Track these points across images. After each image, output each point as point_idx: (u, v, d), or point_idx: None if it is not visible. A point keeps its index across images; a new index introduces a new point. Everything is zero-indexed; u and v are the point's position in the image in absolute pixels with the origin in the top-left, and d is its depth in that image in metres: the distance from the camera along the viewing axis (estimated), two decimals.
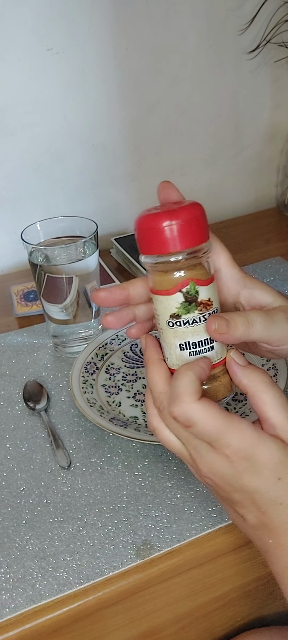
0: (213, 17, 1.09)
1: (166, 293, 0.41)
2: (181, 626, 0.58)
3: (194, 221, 0.40)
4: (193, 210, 0.40)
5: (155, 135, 1.13)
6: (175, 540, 0.53)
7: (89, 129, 1.07)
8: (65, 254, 0.75)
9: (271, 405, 0.41)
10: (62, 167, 1.08)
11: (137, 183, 1.15)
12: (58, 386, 0.74)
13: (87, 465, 0.62)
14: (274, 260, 1.02)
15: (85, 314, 0.78)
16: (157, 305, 0.42)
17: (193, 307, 0.41)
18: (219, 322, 0.41)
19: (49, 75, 1.01)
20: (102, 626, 0.52)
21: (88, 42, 1.01)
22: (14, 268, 1.09)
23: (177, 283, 0.40)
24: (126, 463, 0.62)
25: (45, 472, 0.61)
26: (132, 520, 0.55)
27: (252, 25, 1.10)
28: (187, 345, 0.42)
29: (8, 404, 0.72)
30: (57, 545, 0.53)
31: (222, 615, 0.60)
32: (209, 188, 1.24)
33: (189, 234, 0.40)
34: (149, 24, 1.04)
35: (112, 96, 1.07)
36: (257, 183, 1.29)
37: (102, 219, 1.10)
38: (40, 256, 0.75)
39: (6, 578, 0.51)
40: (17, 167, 1.04)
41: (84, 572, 0.51)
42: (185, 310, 0.41)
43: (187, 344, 0.42)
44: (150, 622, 0.55)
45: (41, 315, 0.86)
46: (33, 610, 0.48)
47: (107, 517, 0.55)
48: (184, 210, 0.40)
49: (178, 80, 1.11)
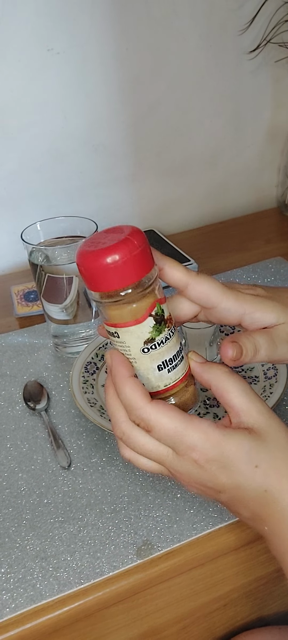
0: (213, 17, 1.09)
1: (136, 322, 0.40)
2: (182, 626, 0.58)
3: (147, 247, 0.40)
4: (143, 237, 0.40)
5: (155, 135, 1.13)
6: (176, 540, 0.53)
7: (90, 130, 1.07)
8: (66, 254, 0.75)
9: (234, 393, 0.42)
10: (62, 168, 1.08)
11: (137, 183, 1.15)
12: (58, 386, 0.74)
13: (88, 466, 0.62)
14: (275, 261, 1.02)
15: (85, 314, 0.78)
16: (125, 338, 0.41)
17: (163, 326, 0.42)
18: (237, 350, 0.43)
19: (50, 75, 1.01)
20: (102, 626, 0.52)
21: (89, 43, 1.01)
22: (14, 268, 1.09)
23: (146, 308, 0.40)
24: (127, 463, 0.61)
25: (45, 472, 0.61)
26: (132, 520, 0.55)
27: (252, 25, 1.10)
28: (165, 363, 0.42)
29: (9, 404, 0.72)
30: (57, 545, 0.53)
31: (222, 615, 0.60)
32: (210, 188, 1.24)
33: (149, 258, 0.41)
34: (149, 25, 1.04)
35: (113, 96, 1.07)
36: (257, 183, 1.29)
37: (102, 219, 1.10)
38: (40, 256, 0.75)
39: (7, 578, 0.51)
40: (17, 168, 1.04)
41: (84, 572, 0.51)
42: (157, 332, 0.41)
43: (165, 362, 0.42)
44: (151, 622, 0.55)
45: (41, 315, 0.86)
46: (33, 610, 0.48)
47: (107, 517, 0.55)
48: (140, 236, 0.40)
49: (178, 80, 1.11)
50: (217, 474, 0.40)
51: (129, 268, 0.38)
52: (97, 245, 0.39)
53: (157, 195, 1.19)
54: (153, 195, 1.18)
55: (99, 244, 0.39)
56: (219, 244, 1.12)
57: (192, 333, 0.71)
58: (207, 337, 0.71)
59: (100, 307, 0.42)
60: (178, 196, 1.21)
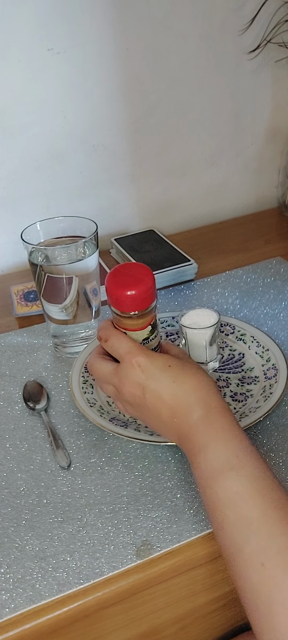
0: (213, 17, 1.09)
1: (140, 329, 0.59)
2: (181, 627, 0.58)
3: (154, 286, 0.59)
4: (153, 279, 0.58)
5: (155, 135, 1.13)
6: (175, 540, 0.53)
7: (90, 129, 1.07)
8: (65, 254, 0.75)
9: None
10: (62, 167, 1.08)
11: (137, 183, 1.15)
12: (58, 386, 0.74)
13: (87, 466, 0.61)
14: (275, 261, 1.02)
15: (85, 314, 0.78)
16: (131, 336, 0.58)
17: (155, 329, 0.60)
18: None
19: (50, 75, 1.01)
20: (101, 626, 0.52)
21: (89, 43, 1.01)
22: (14, 268, 1.09)
23: (148, 321, 0.59)
24: (126, 463, 0.61)
25: (45, 472, 0.61)
26: (132, 520, 0.55)
27: (252, 25, 1.10)
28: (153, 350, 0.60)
29: (8, 404, 0.71)
30: (57, 546, 0.53)
31: (221, 615, 0.60)
32: (210, 188, 1.24)
33: (154, 294, 0.59)
34: (150, 25, 1.04)
35: (113, 96, 1.07)
36: (257, 183, 1.29)
37: (102, 219, 1.11)
38: (40, 256, 0.75)
39: (6, 578, 0.51)
40: (17, 167, 1.04)
41: (83, 573, 0.51)
42: (151, 333, 0.59)
43: (152, 350, 0.60)
44: (150, 623, 0.55)
45: (41, 315, 0.86)
46: (33, 610, 0.48)
47: (107, 518, 0.55)
48: (151, 278, 0.58)
49: (178, 80, 1.11)
50: (144, 372, 0.54)
51: (142, 301, 0.57)
52: (122, 276, 0.58)
53: (157, 195, 1.19)
54: (153, 195, 1.18)
55: (124, 275, 0.58)
56: (219, 244, 1.12)
57: (192, 333, 0.71)
58: (207, 337, 0.71)
59: (117, 317, 0.59)
60: (178, 196, 1.21)
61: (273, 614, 0.38)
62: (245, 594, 0.41)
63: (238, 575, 0.42)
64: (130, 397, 0.55)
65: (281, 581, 0.38)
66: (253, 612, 0.40)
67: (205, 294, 0.93)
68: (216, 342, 0.72)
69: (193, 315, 0.73)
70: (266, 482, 0.44)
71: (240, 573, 0.41)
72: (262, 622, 0.39)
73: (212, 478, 0.46)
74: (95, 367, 0.59)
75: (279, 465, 0.59)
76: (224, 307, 0.89)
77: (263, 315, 0.86)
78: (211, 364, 0.73)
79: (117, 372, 0.56)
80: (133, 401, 0.55)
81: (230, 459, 0.46)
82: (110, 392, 0.59)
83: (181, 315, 0.73)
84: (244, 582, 0.41)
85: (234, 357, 0.75)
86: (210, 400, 0.51)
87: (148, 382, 0.54)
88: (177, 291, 0.95)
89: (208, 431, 0.49)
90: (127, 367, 0.55)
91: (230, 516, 0.43)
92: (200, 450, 0.48)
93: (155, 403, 0.53)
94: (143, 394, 0.54)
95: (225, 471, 0.46)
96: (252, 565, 0.40)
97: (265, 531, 0.41)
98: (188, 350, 0.72)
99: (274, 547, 0.40)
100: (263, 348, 0.74)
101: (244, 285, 0.95)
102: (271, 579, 0.39)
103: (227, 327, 0.79)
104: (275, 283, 0.95)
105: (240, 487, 0.44)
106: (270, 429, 0.64)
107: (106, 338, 0.58)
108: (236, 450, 0.47)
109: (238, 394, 0.69)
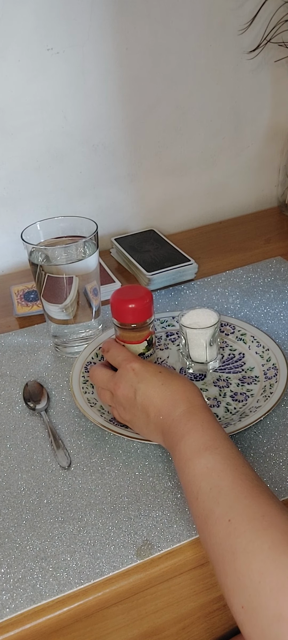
0: (213, 17, 1.09)
1: (137, 342, 0.67)
2: (182, 626, 0.58)
3: (151, 303, 0.68)
4: (151, 297, 0.68)
5: (155, 135, 1.13)
6: (176, 540, 0.53)
7: (89, 129, 1.07)
8: (66, 254, 0.75)
9: None
10: (62, 167, 1.08)
11: (137, 183, 1.15)
12: (58, 386, 0.74)
13: (88, 466, 0.61)
14: (275, 260, 1.02)
15: (85, 314, 0.78)
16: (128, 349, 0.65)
17: (151, 347, 0.69)
18: None
19: (49, 75, 1.01)
20: (102, 626, 0.52)
21: (88, 42, 1.01)
22: (14, 268, 1.09)
23: (144, 336, 0.67)
24: (127, 463, 0.61)
25: (45, 472, 0.61)
26: (132, 520, 0.55)
27: (252, 25, 1.10)
28: None
29: (8, 404, 0.71)
30: (57, 546, 0.53)
31: (223, 615, 0.60)
32: (209, 188, 1.24)
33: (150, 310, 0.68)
34: (149, 24, 1.04)
35: (112, 96, 1.07)
36: (257, 183, 1.29)
37: (102, 219, 1.11)
38: (40, 256, 0.75)
39: (7, 578, 0.51)
40: (17, 167, 1.04)
41: (84, 572, 0.51)
42: (147, 349, 0.68)
43: None
44: (151, 623, 0.55)
45: (41, 315, 0.86)
46: (33, 610, 0.48)
47: (107, 517, 0.55)
48: (149, 296, 0.67)
49: (178, 80, 1.11)
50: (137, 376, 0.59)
51: (139, 314, 0.66)
52: (125, 295, 0.67)
53: (156, 195, 1.19)
54: (153, 195, 1.18)
55: (127, 295, 0.67)
56: (219, 244, 1.12)
57: (192, 333, 0.71)
58: (207, 337, 0.71)
59: (118, 329, 0.68)
60: (178, 196, 1.21)
61: (235, 558, 0.42)
62: (212, 550, 0.45)
63: (208, 535, 0.46)
64: (123, 399, 0.60)
65: (244, 529, 0.43)
66: (218, 564, 0.44)
67: (206, 293, 0.93)
68: (216, 342, 0.72)
69: (193, 315, 0.73)
70: (238, 461, 0.49)
71: (210, 532, 0.45)
72: (226, 567, 0.43)
73: (190, 459, 0.50)
74: (95, 373, 0.65)
75: (279, 465, 0.59)
76: (224, 306, 0.89)
77: (264, 315, 0.86)
78: (211, 364, 0.73)
79: (113, 377, 0.62)
80: (125, 403, 0.60)
81: (206, 441, 0.51)
82: (107, 398, 0.64)
83: (181, 315, 0.73)
84: (213, 539, 0.45)
85: (234, 357, 0.75)
86: (193, 399, 0.56)
87: (139, 385, 0.58)
88: (177, 291, 0.95)
89: (189, 422, 0.53)
90: (123, 371, 0.61)
91: (204, 487, 0.48)
92: (180, 439, 0.52)
93: (144, 403, 0.58)
94: (134, 396, 0.59)
95: (201, 451, 0.50)
96: (220, 522, 0.45)
97: (233, 495, 0.46)
98: (188, 350, 0.72)
99: (240, 506, 0.44)
100: (264, 348, 0.74)
101: (244, 284, 0.95)
102: (235, 530, 0.43)
103: (227, 326, 0.79)
104: (275, 282, 0.95)
105: (214, 463, 0.49)
106: (270, 429, 0.64)
107: (108, 349, 0.65)
108: (212, 436, 0.51)
109: (238, 394, 0.69)
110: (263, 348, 0.74)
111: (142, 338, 0.67)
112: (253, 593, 0.40)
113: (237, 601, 0.41)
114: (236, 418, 0.64)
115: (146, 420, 0.58)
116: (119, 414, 0.62)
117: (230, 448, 0.50)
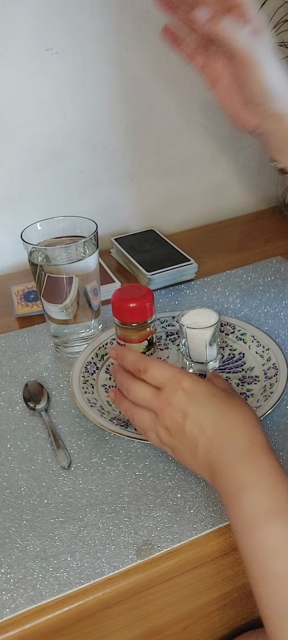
0: None
1: (138, 341, 0.67)
2: (183, 626, 0.57)
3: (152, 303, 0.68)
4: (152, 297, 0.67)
5: (155, 135, 1.13)
6: (176, 540, 0.53)
7: (89, 129, 1.07)
8: (65, 254, 0.75)
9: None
10: (62, 167, 1.08)
11: (137, 183, 1.15)
12: (59, 386, 0.74)
13: (88, 466, 0.61)
14: (275, 260, 1.02)
15: (85, 314, 0.78)
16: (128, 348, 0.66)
17: (151, 347, 0.69)
18: None
19: (49, 75, 1.01)
20: (103, 626, 0.52)
21: (88, 42, 1.01)
22: (14, 268, 1.09)
23: (145, 335, 0.67)
24: (127, 463, 0.61)
25: (46, 472, 0.61)
26: (133, 520, 0.55)
27: None
28: None
29: (9, 405, 0.71)
30: (58, 546, 0.53)
31: (223, 615, 0.60)
32: (209, 187, 1.24)
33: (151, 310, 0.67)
34: (149, 24, 1.04)
35: (112, 96, 1.07)
36: (257, 182, 1.29)
37: (102, 219, 1.10)
38: (40, 256, 0.75)
39: (7, 578, 0.51)
40: (17, 167, 1.04)
41: (84, 572, 0.51)
42: (147, 349, 0.68)
43: None
44: (151, 623, 0.55)
45: (41, 315, 0.86)
46: (34, 610, 0.48)
47: (108, 517, 0.55)
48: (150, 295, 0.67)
49: (178, 79, 1.11)
50: (188, 396, 0.51)
51: (140, 313, 0.66)
52: (126, 294, 0.67)
53: (157, 195, 1.19)
54: (153, 195, 1.18)
55: (128, 294, 0.67)
56: (219, 244, 1.12)
57: (192, 333, 0.71)
58: (207, 337, 0.71)
59: (119, 328, 0.68)
60: (178, 196, 1.21)
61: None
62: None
63: (283, 634, 0.38)
64: (170, 422, 0.52)
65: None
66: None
67: (206, 293, 0.93)
68: (216, 342, 0.72)
69: (193, 315, 0.73)
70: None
71: (284, 628, 0.37)
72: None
73: (255, 523, 0.42)
74: (134, 389, 0.55)
75: None
76: (224, 306, 0.89)
77: (264, 315, 0.86)
78: (211, 364, 0.73)
79: (159, 397, 0.53)
80: (172, 427, 0.52)
81: (276, 504, 0.42)
82: (146, 418, 0.55)
83: (181, 315, 0.73)
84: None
85: (234, 357, 0.75)
86: (254, 435, 0.48)
87: (190, 408, 0.51)
88: (177, 291, 0.95)
89: (252, 470, 0.45)
90: (170, 392, 0.52)
91: (277, 569, 0.39)
92: (241, 490, 0.44)
93: (193, 431, 0.50)
94: (183, 420, 0.51)
95: (271, 517, 0.42)
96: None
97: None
98: (188, 350, 0.72)
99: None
100: (264, 347, 0.74)
101: (244, 284, 0.95)
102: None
103: (227, 326, 0.79)
104: (275, 282, 0.95)
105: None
106: (270, 429, 0.64)
107: (145, 369, 0.55)
108: (284, 495, 0.43)
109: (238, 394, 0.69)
110: (264, 348, 0.74)
111: (142, 337, 0.67)
112: None
113: None
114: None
115: (193, 451, 0.51)
116: (160, 438, 0.54)
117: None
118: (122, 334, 0.67)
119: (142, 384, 0.55)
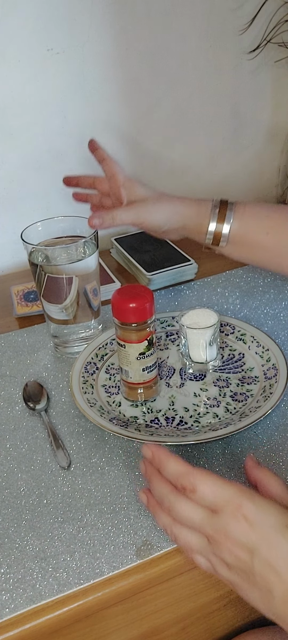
0: (213, 17, 1.09)
1: (138, 342, 0.66)
2: (182, 627, 0.57)
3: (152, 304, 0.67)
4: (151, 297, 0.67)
5: (155, 135, 1.13)
6: None
7: (89, 129, 1.07)
8: (65, 254, 0.75)
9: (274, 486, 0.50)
10: (62, 167, 1.07)
11: None
12: (58, 386, 0.74)
13: (88, 466, 0.61)
14: None
15: (85, 314, 0.78)
16: (128, 349, 0.67)
17: (151, 347, 0.68)
18: (97, 221, 0.72)
19: (49, 75, 1.01)
20: (102, 627, 0.52)
21: (88, 43, 1.01)
22: (14, 268, 1.09)
23: (145, 336, 0.67)
24: (127, 463, 0.61)
25: (45, 472, 0.61)
26: (132, 520, 0.55)
27: (252, 25, 1.10)
28: (147, 368, 0.68)
29: (8, 405, 0.71)
30: (57, 546, 0.53)
31: (222, 615, 0.60)
32: (209, 188, 1.24)
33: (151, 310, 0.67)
34: (149, 25, 1.04)
35: (112, 96, 1.07)
36: (257, 183, 1.29)
37: None
38: (40, 256, 0.75)
39: (6, 578, 0.51)
40: (17, 167, 1.04)
41: (84, 573, 0.51)
42: (147, 349, 0.67)
43: (147, 367, 0.68)
44: (151, 623, 0.55)
45: (41, 315, 0.86)
46: (33, 610, 0.48)
47: (107, 518, 0.55)
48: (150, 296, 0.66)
49: (178, 80, 1.11)
50: (253, 530, 0.42)
51: (139, 314, 0.65)
52: (126, 295, 0.67)
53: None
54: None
55: (128, 294, 0.67)
56: None
57: (192, 333, 0.71)
58: (207, 337, 0.71)
59: (118, 329, 0.67)
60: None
61: None
62: None
63: None
64: (230, 559, 0.43)
65: None
66: None
67: (205, 293, 0.93)
68: (216, 342, 0.72)
69: (193, 315, 0.73)
70: None
71: None
72: None
73: None
74: (179, 509, 0.46)
75: (279, 465, 0.59)
76: (224, 307, 0.89)
77: (264, 315, 0.86)
78: (211, 364, 0.73)
79: (213, 524, 0.44)
80: (235, 564, 0.43)
81: None
82: (194, 541, 0.46)
83: (181, 315, 0.73)
84: None
85: (234, 357, 0.75)
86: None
87: (258, 546, 0.42)
88: (177, 291, 0.95)
89: None
90: (229, 520, 0.43)
91: None
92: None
93: (265, 575, 0.42)
94: (251, 560, 0.42)
95: None
96: None
97: None
98: (188, 350, 0.72)
99: None
100: (263, 348, 0.74)
101: (244, 285, 0.95)
102: None
103: (227, 327, 0.79)
104: (275, 283, 0.95)
105: None
106: (270, 429, 0.64)
107: (192, 489, 0.45)
108: None
109: (238, 394, 0.69)
110: (263, 348, 0.74)
111: (142, 337, 0.67)
112: None
113: None
114: (236, 418, 0.64)
115: (267, 597, 0.42)
116: (214, 568, 0.45)
117: None
118: (122, 334, 0.67)
119: (189, 502, 0.46)
